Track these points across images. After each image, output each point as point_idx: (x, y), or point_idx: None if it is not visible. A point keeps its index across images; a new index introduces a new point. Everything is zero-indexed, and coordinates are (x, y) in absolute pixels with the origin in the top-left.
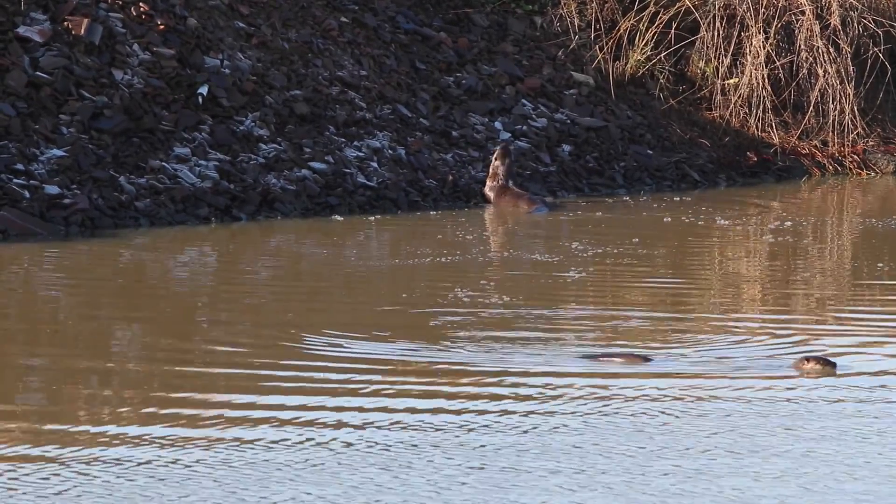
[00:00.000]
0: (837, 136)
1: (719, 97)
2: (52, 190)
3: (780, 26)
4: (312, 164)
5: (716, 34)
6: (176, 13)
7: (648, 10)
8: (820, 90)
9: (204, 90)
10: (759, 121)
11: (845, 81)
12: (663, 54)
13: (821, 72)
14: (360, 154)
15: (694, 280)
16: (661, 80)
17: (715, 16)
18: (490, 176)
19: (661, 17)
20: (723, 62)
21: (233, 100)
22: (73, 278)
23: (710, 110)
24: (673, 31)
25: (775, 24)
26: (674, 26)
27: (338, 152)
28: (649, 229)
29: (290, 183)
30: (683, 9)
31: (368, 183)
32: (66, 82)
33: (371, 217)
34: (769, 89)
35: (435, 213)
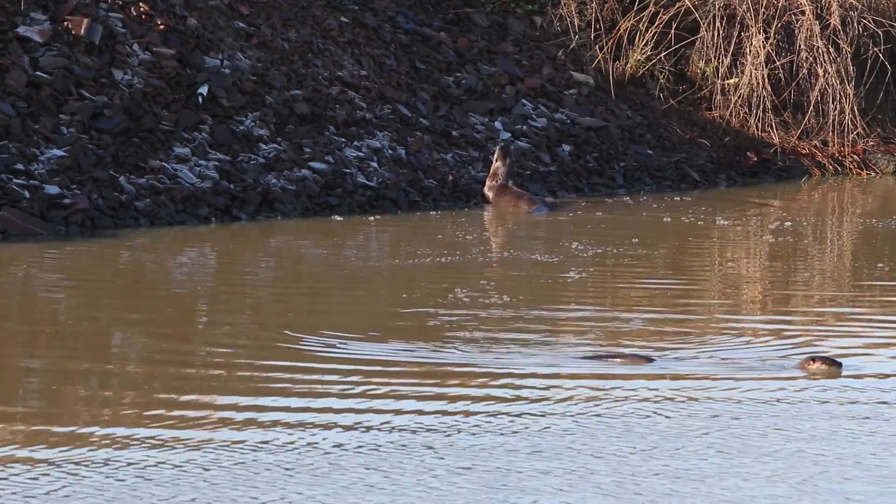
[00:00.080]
0: (837, 136)
1: (719, 97)
2: (52, 190)
3: (780, 26)
4: (312, 164)
5: (716, 34)
6: (176, 13)
7: (648, 10)
8: (820, 90)
9: (204, 90)
10: (759, 121)
11: (845, 81)
12: (663, 54)
13: (821, 72)
14: (360, 154)
15: (694, 280)
16: (661, 80)
17: (715, 16)
18: (490, 176)
19: (661, 17)
20: (723, 62)
21: (233, 100)
22: (73, 278)
23: (710, 110)
24: (673, 31)
25: (775, 24)
26: (674, 26)
27: (338, 152)
28: (649, 229)
29: (290, 183)
30: (683, 9)
31: (368, 183)
32: (66, 82)
33: (371, 217)
34: (769, 89)
35: (435, 213)
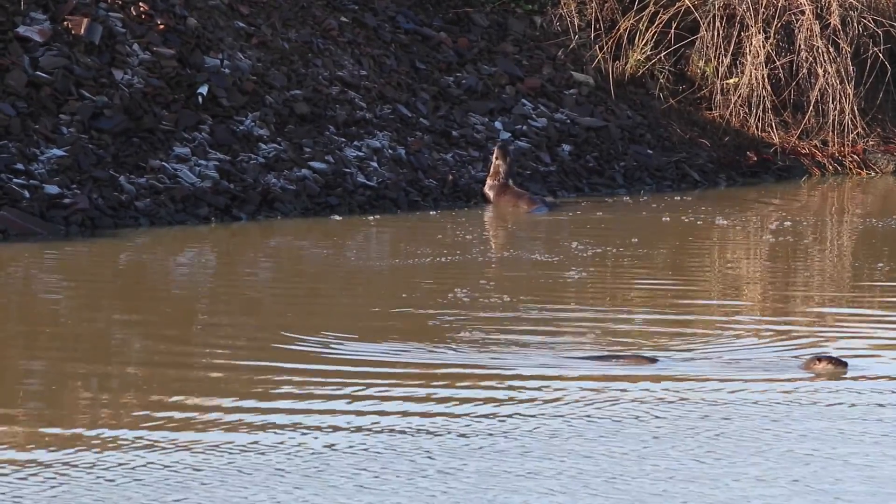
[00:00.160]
0: (837, 136)
1: (719, 97)
2: (52, 190)
3: (779, 26)
4: (312, 163)
5: (716, 34)
6: (176, 13)
7: (648, 9)
8: (820, 90)
9: (204, 90)
10: (759, 120)
11: (845, 81)
12: (663, 54)
13: (821, 71)
14: (360, 154)
15: (696, 280)
16: (661, 80)
17: (715, 15)
18: (491, 175)
19: (660, 17)
20: (723, 62)
21: (233, 100)
22: (72, 278)
23: (710, 110)
24: (673, 30)
25: (775, 23)
26: (674, 26)
27: (338, 152)
28: (649, 229)
29: (290, 183)
30: (683, 8)
31: (368, 183)
32: (66, 82)
33: (371, 217)
34: (769, 89)
35: (435, 212)
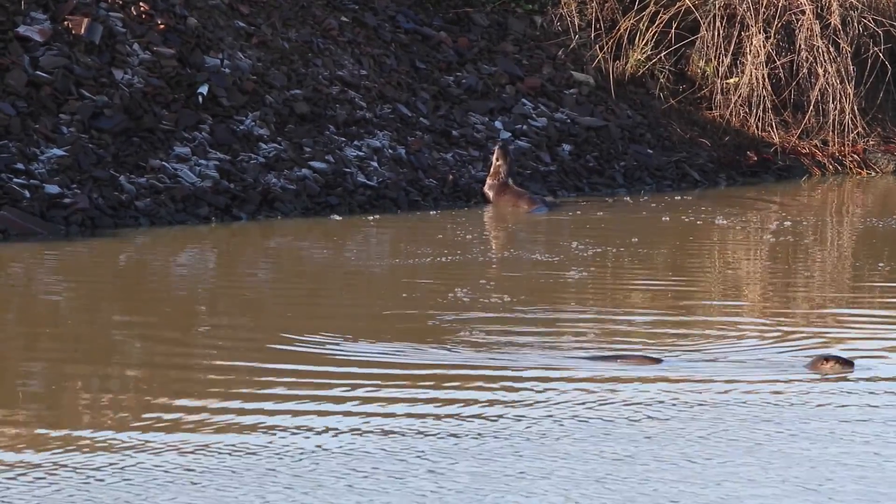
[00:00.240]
0: (837, 136)
1: (719, 97)
2: (53, 189)
3: (780, 26)
4: (312, 163)
5: (716, 34)
6: (176, 13)
7: (648, 9)
8: (820, 90)
9: (204, 90)
10: (759, 120)
11: (845, 81)
12: (663, 54)
13: (821, 71)
14: (361, 153)
15: (696, 280)
16: (662, 80)
17: (715, 15)
18: (491, 174)
19: (661, 17)
20: (723, 62)
21: (233, 99)
22: (73, 278)
23: (710, 110)
24: (673, 30)
25: (775, 23)
26: (674, 26)
27: (338, 152)
28: (649, 229)
29: (290, 182)
30: (683, 8)
31: (368, 182)
32: (66, 82)
33: (371, 217)
34: (769, 89)
35: (435, 212)
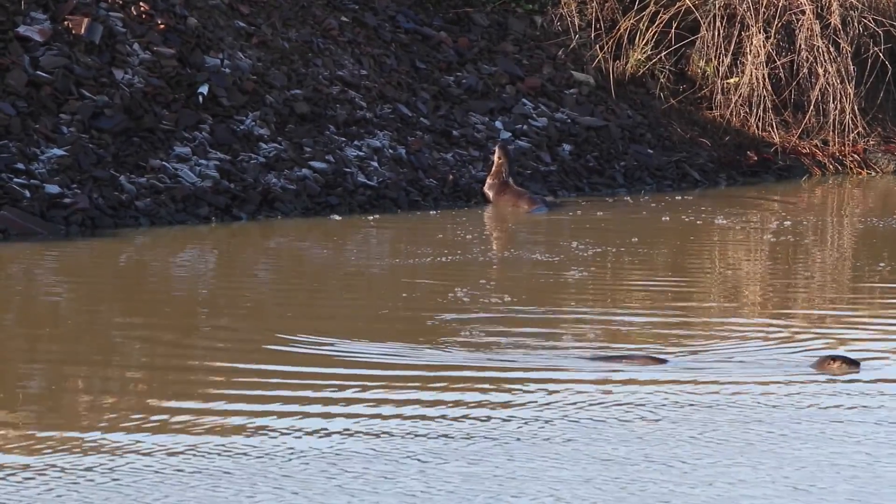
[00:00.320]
0: (838, 136)
1: (720, 96)
2: (53, 189)
3: (780, 26)
4: (313, 163)
5: (716, 34)
6: (176, 12)
7: (649, 9)
8: (820, 89)
9: (204, 89)
10: (759, 120)
11: (846, 81)
12: (663, 54)
13: (821, 71)
14: (361, 153)
15: (695, 280)
16: (662, 80)
17: (715, 15)
18: (492, 174)
19: (661, 17)
20: (723, 62)
21: (233, 99)
22: (73, 278)
23: (710, 110)
24: (673, 30)
25: (775, 23)
26: (674, 26)
27: (338, 152)
28: (650, 229)
29: (290, 182)
30: (684, 8)
31: (369, 182)
32: (66, 82)
33: (371, 216)
34: (769, 89)
35: (435, 212)
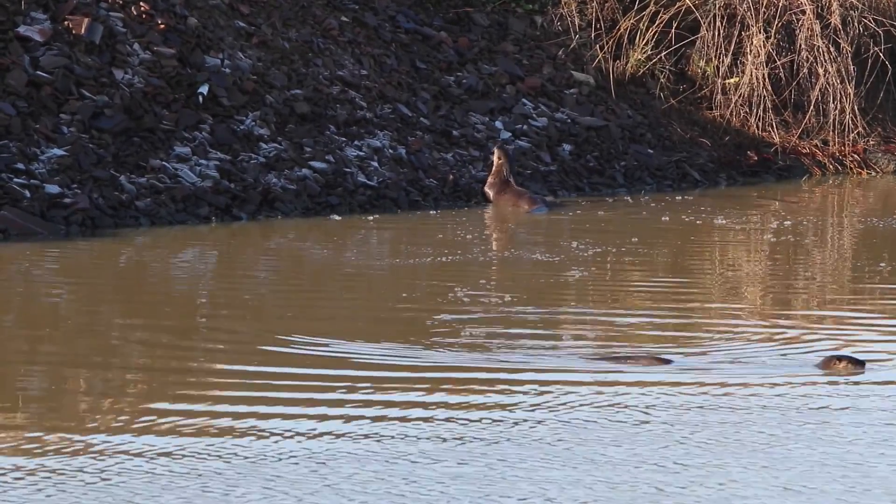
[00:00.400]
0: (838, 136)
1: (720, 96)
2: (53, 189)
3: (780, 26)
4: (313, 163)
5: (716, 33)
6: (176, 12)
7: (649, 9)
8: (820, 89)
9: (204, 89)
10: (759, 120)
11: (846, 81)
12: (664, 54)
13: (821, 71)
14: (361, 153)
15: (696, 280)
16: (662, 80)
17: (715, 15)
18: (493, 173)
19: (661, 17)
20: (723, 61)
21: (233, 99)
22: (73, 278)
23: (710, 110)
24: (673, 30)
25: (776, 23)
26: (674, 26)
27: (338, 152)
28: (650, 229)
29: (290, 182)
30: (684, 8)
31: (369, 182)
32: (66, 82)
33: (371, 217)
34: (769, 89)
35: (435, 212)
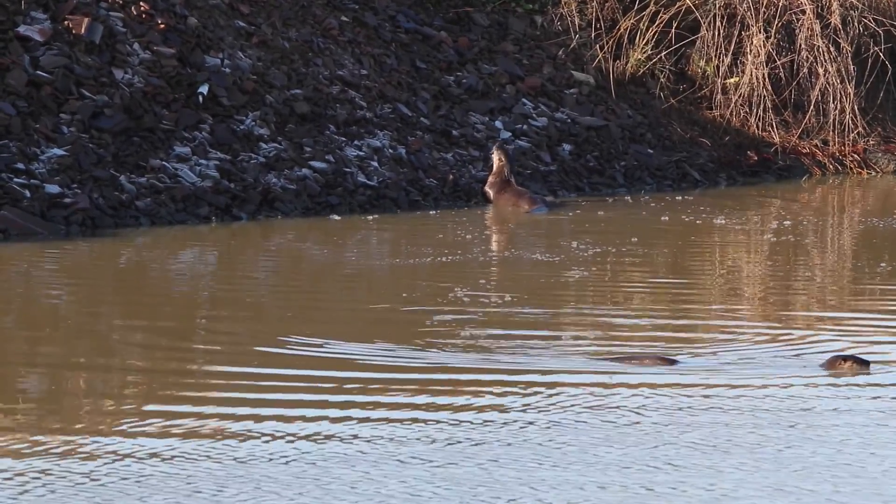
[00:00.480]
0: (838, 136)
1: (720, 96)
2: (53, 189)
3: (780, 25)
4: (313, 163)
5: (716, 33)
6: (176, 12)
7: (649, 9)
8: (820, 89)
9: (204, 89)
10: (759, 120)
11: (846, 81)
12: (664, 53)
13: (821, 71)
14: (361, 153)
15: (696, 281)
16: (662, 80)
17: (715, 15)
18: (494, 173)
19: (661, 17)
20: (723, 61)
21: (233, 99)
22: (73, 278)
23: (710, 109)
24: (673, 30)
25: (776, 23)
26: (674, 25)
27: (338, 151)
28: (650, 229)
29: (290, 182)
30: (684, 8)
31: (369, 182)
32: (66, 81)
33: (371, 216)
34: (769, 88)
35: (435, 212)
